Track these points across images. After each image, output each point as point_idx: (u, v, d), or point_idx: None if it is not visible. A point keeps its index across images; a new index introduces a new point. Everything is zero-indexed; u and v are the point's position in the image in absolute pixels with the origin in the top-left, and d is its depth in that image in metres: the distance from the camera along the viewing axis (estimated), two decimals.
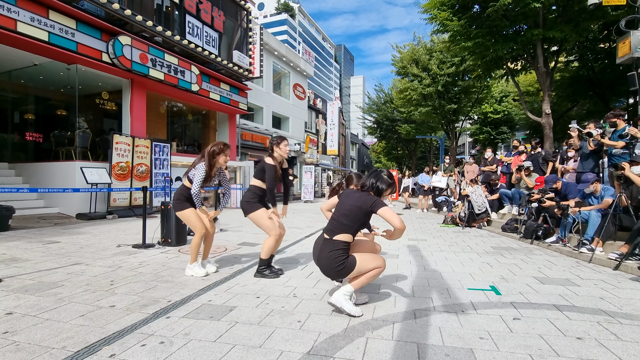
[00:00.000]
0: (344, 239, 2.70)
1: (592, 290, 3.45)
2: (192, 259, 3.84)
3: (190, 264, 3.85)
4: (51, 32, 8.33)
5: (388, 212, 2.65)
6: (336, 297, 2.70)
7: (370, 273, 2.73)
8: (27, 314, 2.63)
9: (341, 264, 2.65)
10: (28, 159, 11.47)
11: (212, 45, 13.15)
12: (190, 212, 3.80)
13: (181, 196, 3.84)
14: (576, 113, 19.84)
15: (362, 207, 2.69)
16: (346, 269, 2.67)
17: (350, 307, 2.68)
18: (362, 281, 2.71)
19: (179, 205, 3.82)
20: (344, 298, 2.68)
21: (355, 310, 2.68)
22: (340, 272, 2.69)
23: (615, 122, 5.83)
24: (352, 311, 2.67)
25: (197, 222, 3.78)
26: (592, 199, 5.51)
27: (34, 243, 5.52)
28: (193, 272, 3.81)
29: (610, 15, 10.07)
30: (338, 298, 2.69)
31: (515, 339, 2.33)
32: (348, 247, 2.73)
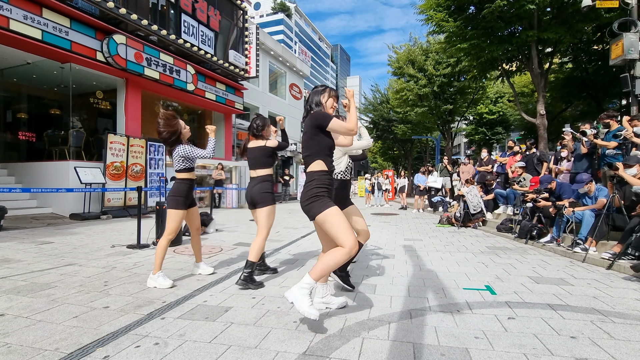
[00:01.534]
0: (315, 168, 2.46)
1: (585, 290, 3.48)
2: (156, 268, 3.36)
3: (153, 274, 3.36)
4: (45, 31, 8.26)
5: (337, 122, 2.44)
6: (292, 290, 2.30)
7: (330, 258, 2.29)
8: (20, 315, 2.59)
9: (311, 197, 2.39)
10: (21, 159, 11.35)
11: (208, 45, 13.11)
12: (179, 214, 3.45)
13: (179, 192, 3.47)
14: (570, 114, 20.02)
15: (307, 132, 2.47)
16: (313, 206, 2.38)
17: (305, 307, 2.22)
18: (321, 269, 2.30)
19: (172, 201, 3.44)
20: (300, 293, 2.26)
21: (310, 311, 2.21)
22: (307, 208, 2.42)
23: (609, 122, 5.89)
24: (306, 311, 2.21)
25: (176, 226, 3.45)
26: (586, 199, 5.56)
27: (27, 243, 5.46)
28: (157, 283, 3.31)
29: (604, 18, 10.17)
30: (293, 293, 2.28)
31: (510, 338, 2.34)
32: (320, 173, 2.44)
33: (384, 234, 7.26)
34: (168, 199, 3.48)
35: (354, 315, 2.71)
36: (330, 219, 2.33)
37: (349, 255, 2.27)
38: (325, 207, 2.35)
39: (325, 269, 2.29)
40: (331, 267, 2.28)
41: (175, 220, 3.43)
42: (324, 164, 2.46)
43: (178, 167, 3.51)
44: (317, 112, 2.48)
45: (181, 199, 3.46)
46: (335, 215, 2.34)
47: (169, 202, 3.46)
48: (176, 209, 3.44)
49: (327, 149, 2.49)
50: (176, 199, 3.45)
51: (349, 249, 2.26)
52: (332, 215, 2.34)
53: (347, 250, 2.26)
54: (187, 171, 3.53)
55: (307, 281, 2.28)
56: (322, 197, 2.40)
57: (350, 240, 2.27)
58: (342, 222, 2.32)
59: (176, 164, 3.51)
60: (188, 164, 3.52)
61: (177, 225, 3.45)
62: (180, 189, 3.48)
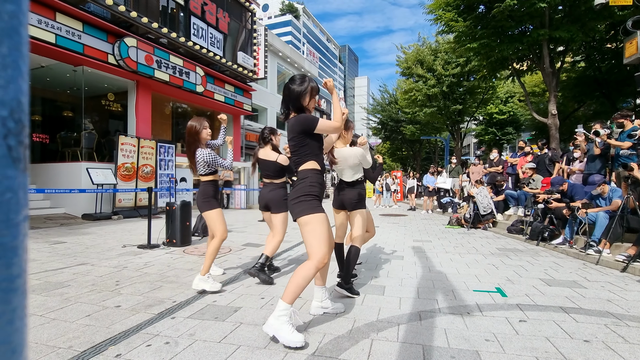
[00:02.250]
0: (308, 167, 2.36)
1: (599, 293, 3.41)
2: (205, 269, 3.27)
3: (202, 275, 3.26)
4: (58, 35, 8.42)
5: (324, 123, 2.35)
6: (269, 323, 2.16)
7: (299, 276, 2.16)
8: (34, 313, 2.65)
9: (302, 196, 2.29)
10: (35, 160, 11.59)
11: (216, 47, 13.22)
12: (218, 213, 3.44)
13: (208, 193, 3.46)
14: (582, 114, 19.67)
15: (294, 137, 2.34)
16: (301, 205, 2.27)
17: (287, 336, 2.09)
18: (293, 290, 2.16)
19: (206, 204, 3.42)
20: (278, 322, 2.12)
21: (293, 339, 2.08)
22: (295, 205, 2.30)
23: (623, 122, 5.77)
24: (290, 341, 2.08)
25: (222, 224, 3.42)
26: (599, 200, 5.46)
27: (41, 243, 5.57)
28: (207, 285, 3.23)
29: (617, 16, 9.98)
30: (272, 325, 2.14)
31: (521, 341, 2.31)
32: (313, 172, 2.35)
33: (393, 235, 7.22)
34: (200, 203, 3.43)
35: (363, 317, 2.71)
36: (313, 225, 2.23)
37: (316, 268, 2.19)
38: (314, 211, 2.26)
39: (297, 290, 2.17)
40: (302, 285, 2.16)
41: (219, 220, 3.41)
42: (316, 164, 2.38)
43: (202, 172, 3.48)
44: (302, 118, 2.35)
45: (212, 199, 3.46)
46: (320, 222, 2.25)
47: (203, 206, 3.43)
48: (213, 209, 3.43)
49: (318, 149, 2.42)
50: (208, 201, 3.44)
51: (317, 262, 2.18)
52: (318, 222, 2.24)
53: (315, 263, 2.18)
54: (210, 174, 3.52)
55: (282, 307, 2.14)
56: (314, 199, 2.31)
57: (322, 253, 2.20)
58: (323, 232, 2.23)
59: (200, 168, 3.48)
60: (211, 169, 3.50)
61: (224, 224, 3.42)
62: (208, 191, 3.47)
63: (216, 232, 3.39)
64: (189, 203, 5.61)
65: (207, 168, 3.47)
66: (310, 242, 2.23)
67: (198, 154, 3.43)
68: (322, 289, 2.75)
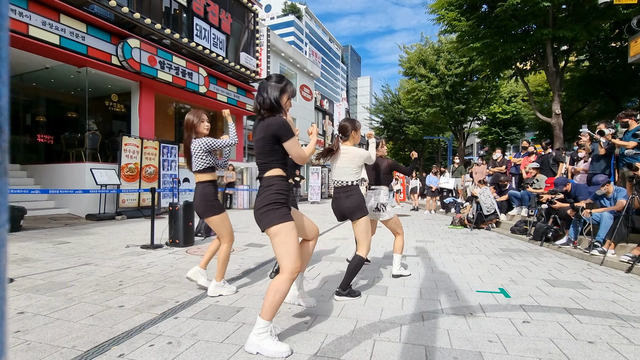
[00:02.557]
0: (274, 173, 2.28)
1: (603, 294, 3.39)
2: (219, 274, 3.16)
3: (217, 281, 3.15)
4: (62, 36, 8.47)
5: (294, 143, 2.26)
6: (251, 340, 2.12)
7: (273, 292, 2.10)
8: (38, 313, 2.66)
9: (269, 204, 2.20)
10: (39, 161, 11.67)
11: (219, 47, 13.25)
12: (223, 218, 3.19)
13: (209, 196, 3.16)
14: (587, 113, 19.56)
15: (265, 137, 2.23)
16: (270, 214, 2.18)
17: (271, 349, 2.06)
18: (269, 307, 2.10)
19: (210, 209, 3.12)
20: (259, 339, 2.08)
21: (278, 350, 2.07)
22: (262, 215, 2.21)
23: (627, 122, 5.73)
24: (275, 353, 2.06)
25: (229, 227, 3.22)
26: (604, 200, 5.42)
27: (45, 243, 5.61)
28: (224, 290, 3.16)
29: (622, 14, 9.92)
30: (253, 342, 2.10)
31: (524, 342, 2.29)
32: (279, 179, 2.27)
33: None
34: (203, 207, 3.13)
35: (366, 317, 2.70)
36: (283, 236, 2.15)
37: (290, 281, 2.12)
38: (283, 220, 2.17)
39: (274, 305, 2.10)
40: (279, 300, 2.11)
41: (225, 225, 3.17)
42: (281, 171, 2.29)
43: (199, 167, 3.16)
44: (282, 123, 2.22)
45: (216, 202, 3.19)
46: (290, 232, 2.17)
47: (206, 211, 3.13)
48: (218, 214, 3.15)
49: (284, 156, 2.32)
50: (212, 205, 3.15)
51: (291, 274, 2.12)
52: (287, 231, 2.16)
53: (289, 275, 2.12)
54: (209, 171, 3.21)
55: (262, 325, 2.09)
56: (281, 207, 2.20)
57: (295, 266, 2.13)
58: (294, 242, 2.17)
59: (197, 162, 3.15)
60: (210, 161, 3.18)
61: (230, 227, 3.22)
62: (209, 193, 3.17)
63: (224, 236, 3.18)
64: (191, 203, 5.61)
65: (205, 160, 3.15)
66: (281, 254, 2.15)
67: (193, 145, 3.15)
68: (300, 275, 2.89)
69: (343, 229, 8.19)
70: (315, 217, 11.07)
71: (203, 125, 3.26)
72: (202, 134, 3.25)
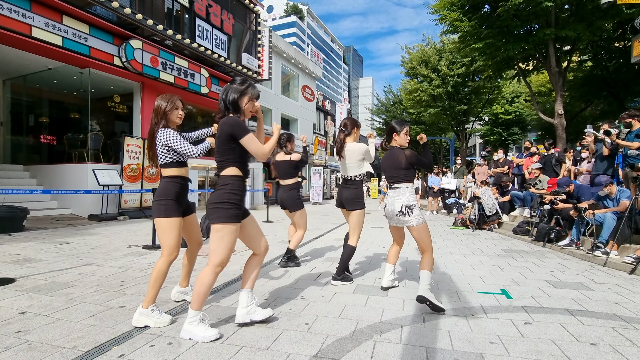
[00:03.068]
0: (230, 172, 2.37)
1: (606, 295, 3.37)
2: (148, 300, 2.48)
3: (143, 308, 2.47)
4: (65, 37, 8.51)
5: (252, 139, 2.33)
6: (184, 328, 2.29)
7: (199, 284, 2.26)
8: (40, 313, 2.67)
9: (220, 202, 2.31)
10: (42, 161, 11.72)
11: (221, 48, 13.27)
12: (172, 223, 2.54)
13: (162, 194, 2.59)
14: (590, 113, 19.47)
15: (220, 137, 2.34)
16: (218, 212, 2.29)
17: (200, 334, 2.23)
18: (197, 297, 2.27)
19: (159, 208, 2.56)
20: (191, 327, 2.26)
21: (207, 334, 2.23)
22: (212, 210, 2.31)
23: (631, 122, 5.70)
24: (204, 337, 2.22)
25: (174, 238, 2.55)
26: (607, 201, 5.39)
27: (47, 243, 5.63)
28: (151, 321, 2.46)
29: (625, 14, 9.87)
30: (185, 329, 2.28)
31: (526, 343, 2.28)
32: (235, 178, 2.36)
33: None
34: (153, 206, 2.59)
35: (366, 318, 2.69)
36: (223, 234, 2.30)
37: (214, 273, 2.29)
38: (229, 221, 2.30)
39: (201, 296, 2.27)
40: (204, 292, 2.28)
41: (172, 233, 2.53)
42: (238, 170, 2.39)
43: (162, 161, 2.63)
44: (234, 122, 2.33)
45: (171, 203, 2.57)
46: (231, 233, 2.32)
47: (154, 210, 2.58)
48: (166, 216, 2.53)
49: (241, 155, 2.40)
50: (164, 204, 2.56)
51: (214, 267, 2.29)
52: (229, 232, 2.31)
53: (213, 268, 2.29)
54: (174, 166, 2.64)
55: (191, 315, 2.27)
56: (232, 207, 2.31)
57: (220, 259, 2.29)
58: (230, 243, 2.32)
59: (159, 155, 2.64)
60: (174, 157, 2.63)
61: (177, 239, 2.55)
62: (168, 190, 2.59)
63: (163, 247, 2.52)
64: (193, 204, 5.61)
65: (167, 155, 2.62)
66: (214, 247, 2.30)
67: (158, 136, 2.61)
68: (248, 292, 2.52)
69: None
70: (317, 217, 11.06)
71: (176, 113, 2.73)
72: (173, 124, 2.73)
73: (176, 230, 2.55)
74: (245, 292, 2.51)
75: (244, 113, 2.47)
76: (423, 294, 2.82)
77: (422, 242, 3.01)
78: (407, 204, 3.03)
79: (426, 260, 3.00)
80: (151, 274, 2.50)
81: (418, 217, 3.02)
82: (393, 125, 3.28)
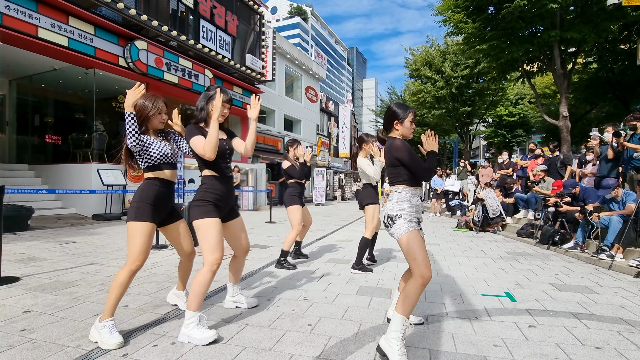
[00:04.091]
0: (206, 173, 2.53)
1: (611, 298, 3.34)
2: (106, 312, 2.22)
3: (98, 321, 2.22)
4: (70, 38, 8.57)
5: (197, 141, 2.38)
6: (181, 332, 2.26)
7: (195, 284, 2.28)
8: (44, 312, 2.68)
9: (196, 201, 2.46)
10: (47, 161, 11.80)
11: (225, 49, 13.32)
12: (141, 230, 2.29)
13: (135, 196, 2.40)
14: (595, 116, 19.36)
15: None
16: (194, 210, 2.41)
17: (198, 336, 2.19)
18: (195, 298, 2.26)
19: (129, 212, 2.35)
20: (188, 329, 2.23)
21: (204, 336, 2.19)
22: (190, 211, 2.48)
23: (636, 125, 5.66)
24: (202, 339, 2.18)
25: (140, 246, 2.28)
26: (612, 203, 5.35)
27: (52, 243, 5.66)
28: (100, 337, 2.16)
29: (631, 16, 9.81)
30: (183, 332, 2.24)
31: (530, 347, 2.26)
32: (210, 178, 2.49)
33: None
34: (130, 208, 2.36)
35: (370, 320, 2.69)
36: (204, 230, 2.38)
37: (211, 272, 2.33)
38: (204, 216, 2.39)
39: (198, 297, 2.28)
40: (202, 292, 2.29)
41: (138, 239, 2.27)
42: (211, 171, 2.50)
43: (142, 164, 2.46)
44: (189, 126, 2.51)
45: (144, 206, 2.32)
46: (211, 227, 2.38)
47: (127, 214, 2.37)
48: (135, 220, 2.28)
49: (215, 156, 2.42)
50: (136, 207, 2.32)
51: (210, 266, 2.33)
52: (208, 226, 2.38)
53: (208, 267, 2.33)
54: (151, 170, 2.42)
55: (189, 317, 2.26)
56: (206, 204, 2.42)
57: (212, 257, 2.34)
58: (214, 236, 2.37)
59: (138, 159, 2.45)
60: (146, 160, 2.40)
61: (142, 246, 2.27)
62: (144, 193, 2.37)
63: (128, 255, 2.29)
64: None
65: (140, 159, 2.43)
66: (202, 246, 2.38)
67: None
68: (235, 286, 2.89)
69: (347, 231, 8.18)
70: (320, 218, 11.06)
71: (159, 118, 2.48)
72: (154, 127, 2.49)
73: (143, 236, 2.28)
74: (230, 285, 2.87)
75: (209, 116, 2.52)
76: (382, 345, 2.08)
77: (407, 258, 2.14)
78: (389, 213, 2.27)
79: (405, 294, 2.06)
80: (112, 283, 2.25)
81: (400, 228, 2.19)
82: (394, 111, 2.46)
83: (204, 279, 2.30)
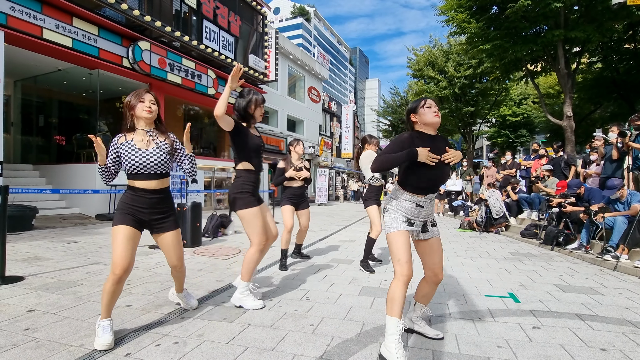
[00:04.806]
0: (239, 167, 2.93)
1: (617, 300, 3.31)
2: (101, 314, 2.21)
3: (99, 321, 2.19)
4: (75, 39, 8.61)
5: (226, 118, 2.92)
6: (235, 296, 2.85)
7: (247, 259, 2.78)
8: (48, 311, 2.69)
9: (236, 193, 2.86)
10: (51, 161, 11.86)
11: (228, 50, 13.35)
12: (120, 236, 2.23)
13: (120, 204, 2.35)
14: (599, 116, 19.23)
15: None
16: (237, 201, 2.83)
17: (250, 302, 2.80)
18: (246, 269, 2.79)
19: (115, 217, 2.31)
20: (242, 296, 2.82)
21: (255, 304, 2.81)
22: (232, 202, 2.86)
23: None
24: (252, 305, 2.80)
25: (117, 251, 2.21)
26: (617, 204, 5.31)
27: (56, 242, 5.69)
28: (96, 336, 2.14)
29: (635, 15, 9.74)
30: (237, 297, 2.84)
31: (534, 348, 2.25)
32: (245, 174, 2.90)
33: None
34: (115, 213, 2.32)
35: (372, 320, 2.68)
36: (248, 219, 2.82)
37: (258, 252, 2.79)
38: (247, 206, 2.80)
39: (250, 269, 2.80)
40: (252, 267, 2.79)
41: (115, 243, 2.20)
42: (248, 164, 2.90)
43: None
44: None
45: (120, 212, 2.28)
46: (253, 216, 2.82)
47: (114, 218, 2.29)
48: (114, 225, 2.25)
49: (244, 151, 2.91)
50: (116, 213, 2.30)
51: (256, 246, 2.79)
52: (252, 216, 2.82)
53: (254, 247, 2.79)
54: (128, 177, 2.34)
55: (242, 285, 2.81)
56: (247, 195, 2.83)
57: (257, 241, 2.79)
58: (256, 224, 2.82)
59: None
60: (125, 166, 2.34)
61: (120, 252, 2.18)
62: (120, 201, 2.33)
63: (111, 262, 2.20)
64: (199, 204, 5.66)
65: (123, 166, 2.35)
66: (248, 231, 2.84)
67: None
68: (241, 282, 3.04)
69: (349, 232, 8.17)
70: (322, 219, 11.05)
71: (141, 106, 2.39)
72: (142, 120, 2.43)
73: (118, 240, 2.19)
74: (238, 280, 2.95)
75: (253, 118, 2.96)
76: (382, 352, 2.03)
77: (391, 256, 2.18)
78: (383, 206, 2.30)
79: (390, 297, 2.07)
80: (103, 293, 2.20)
81: (386, 224, 2.25)
82: (409, 107, 2.29)
83: (253, 257, 2.78)
